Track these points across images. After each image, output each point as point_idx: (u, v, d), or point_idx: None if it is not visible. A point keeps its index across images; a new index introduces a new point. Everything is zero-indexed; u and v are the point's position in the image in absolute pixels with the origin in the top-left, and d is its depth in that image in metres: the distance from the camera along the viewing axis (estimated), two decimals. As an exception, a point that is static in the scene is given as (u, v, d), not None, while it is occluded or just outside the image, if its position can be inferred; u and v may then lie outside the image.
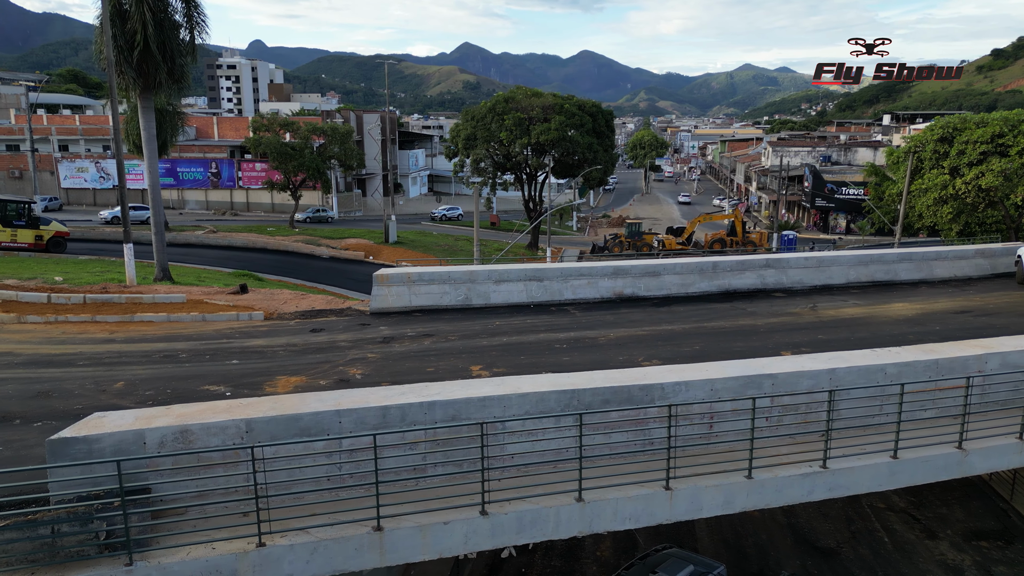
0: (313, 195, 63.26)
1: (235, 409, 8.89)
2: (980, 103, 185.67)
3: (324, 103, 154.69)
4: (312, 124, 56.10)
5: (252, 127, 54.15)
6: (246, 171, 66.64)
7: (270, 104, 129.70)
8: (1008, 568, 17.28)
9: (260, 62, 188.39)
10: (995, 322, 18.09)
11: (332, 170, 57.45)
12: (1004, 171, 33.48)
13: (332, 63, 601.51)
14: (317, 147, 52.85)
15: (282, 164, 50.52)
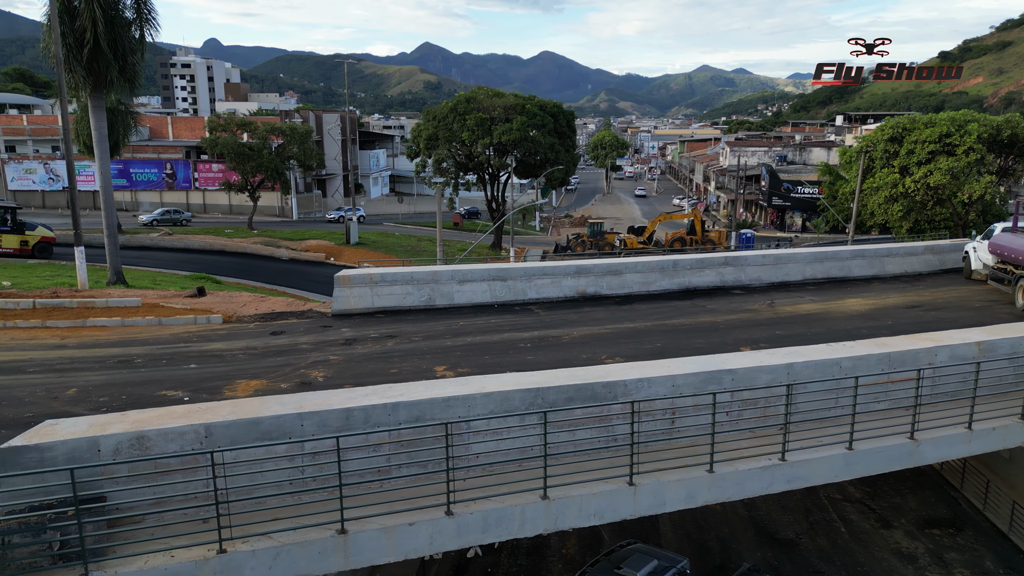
0: (272, 196, 62.31)
1: (193, 414, 8.72)
2: (928, 104, 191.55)
3: (282, 103, 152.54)
4: (270, 124, 55.25)
5: (208, 127, 53.09)
6: (202, 172, 65.31)
7: (226, 104, 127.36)
8: (959, 554, 17.86)
9: (216, 61, 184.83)
10: (944, 316, 18.68)
11: (291, 171, 56.64)
12: (951, 170, 34.57)
13: (290, 62, 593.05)
14: (275, 147, 52.07)
15: (240, 165, 49.63)
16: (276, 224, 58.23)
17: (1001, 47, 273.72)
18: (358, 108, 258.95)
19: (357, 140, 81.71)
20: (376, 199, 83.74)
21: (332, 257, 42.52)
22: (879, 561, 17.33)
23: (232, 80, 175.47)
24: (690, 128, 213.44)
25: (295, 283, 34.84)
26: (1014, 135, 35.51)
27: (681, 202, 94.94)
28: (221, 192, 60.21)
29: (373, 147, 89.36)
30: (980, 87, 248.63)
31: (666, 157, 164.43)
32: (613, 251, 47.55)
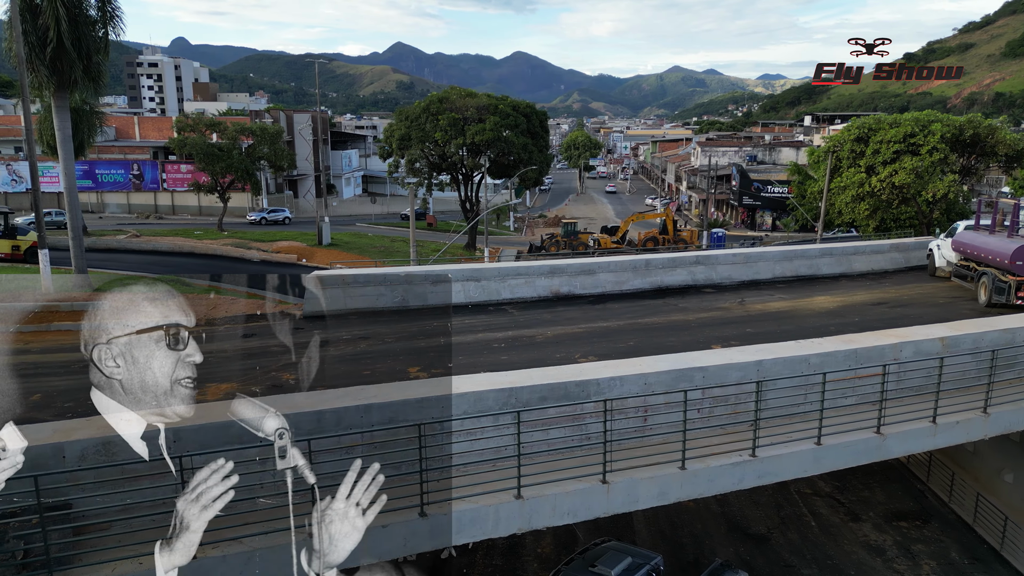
0: (242, 197, 61.57)
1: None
2: (894, 104, 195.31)
3: (252, 103, 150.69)
4: (240, 124, 54.59)
5: (176, 127, 52.33)
6: (171, 173, 64.31)
7: (195, 104, 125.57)
8: (926, 546, 18.28)
9: (184, 60, 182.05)
10: (909, 312, 19.07)
11: (262, 171, 56.03)
12: (916, 169, 35.33)
13: (260, 62, 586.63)
14: (245, 148, 51.46)
15: (209, 165, 48.97)
16: (247, 225, 57.57)
17: (963, 49, 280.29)
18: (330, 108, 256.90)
19: (329, 140, 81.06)
20: (349, 200, 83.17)
21: (304, 258, 42.13)
22: (848, 554, 17.66)
23: (201, 80, 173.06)
24: (662, 128, 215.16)
25: (266, 285, 34.39)
26: (976, 135, 36.39)
27: (654, 202, 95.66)
28: (190, 193, 59.38)
29: (345, 147, 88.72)
30: (944, 88, 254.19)
31: (638, 157, 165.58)
32: (587, 251, 47.80)
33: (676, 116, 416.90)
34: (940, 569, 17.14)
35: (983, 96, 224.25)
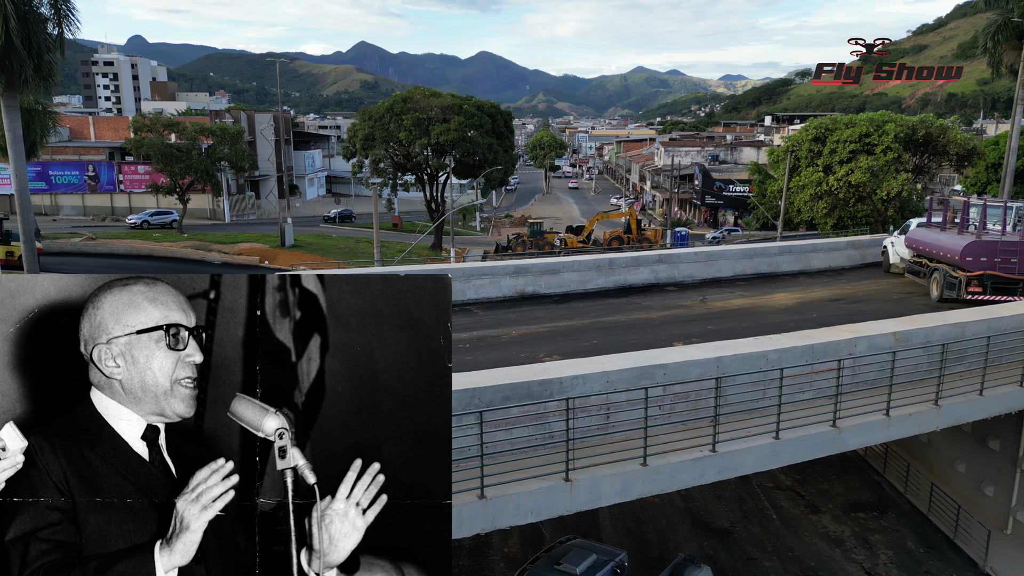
0: (203, 198, 60.53)
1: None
2: (851, 105, 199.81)
3: (213, 102, 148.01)
4: (199, 124, 53.63)
5: (133, 127, 51.20)
6: (127, 174, 62.89)
7: (153, 103, 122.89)
8: (882, 536, 18.73)
9: (141, 59, 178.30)
10: (865, 308, 19.54)
11: (222, 172, 55.12)
12: (871, 168, 36.20)
13: (221, 61, 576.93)
14: (205, 148, 50.58)
15: (167, 166, 48.04)
16: (208, 227, 56.60)
17: (917, 50, 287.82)
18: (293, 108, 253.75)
19: (291, 140, 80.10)
20: (312, 200, 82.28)
21: (267, 260, 41.61)
22: (808, 546, 18.02)
23: (159, 79, 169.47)
24: (626, 128, 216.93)
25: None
26: (928, 134, 37.41)
27: (618, 201, 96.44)
28: (148, 195, 58.17)
29: (308, 147, 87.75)
30: (899, 89, 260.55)
31: (603, 157, 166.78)
32: (553, 250, 47.99)
33: (640, 116, 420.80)
34: (896, 558, 17.58)
35: (936, 97, 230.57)
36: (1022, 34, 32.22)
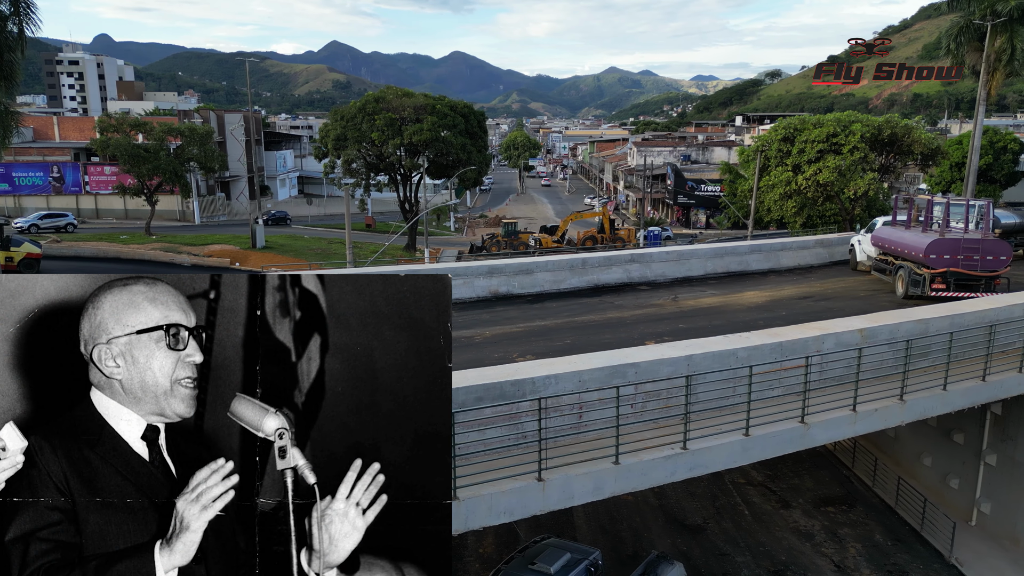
0: (172, 200, 59.60)
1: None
2: (819, 105, 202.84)
3: (182, 102, 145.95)
4: (167, 124, 52.77)
5: (98, 128, 50.18)
6: (94, 175, 61.71)
7: (120, 103, 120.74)
8: (851, 529, 19.06)
9: (107, 58, 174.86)
10: (833, 305, 19.86)
11: (192, 173, 54.32)
12: (838, 167, 36.77)
13: (190, 60, 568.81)
14: (174, 149, 49.80)
15: (134, 167, 47.18)
16: (177, 229, 55.77)
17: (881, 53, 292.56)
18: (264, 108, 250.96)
19: (262, 141, 79.19)
20: (284, 201, 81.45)
21: (237, 262, 41.10)
22: (779, 540, 18.27)
23: (125, 78, 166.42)
24: (600, 129, 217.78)
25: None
26: (893, 134, 38.10)
27: (592, 201, 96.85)
28: (115, 196, 57.09)
29: (280, 148, 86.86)
30: (866, 89, 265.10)
31: (577, 157, 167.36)
32: (528, 250, 48.05)
33: (613, 116, 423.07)
34: (865, 551, 17.90)
35: (902, 97, 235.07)
36: (983, 36, 33.00)
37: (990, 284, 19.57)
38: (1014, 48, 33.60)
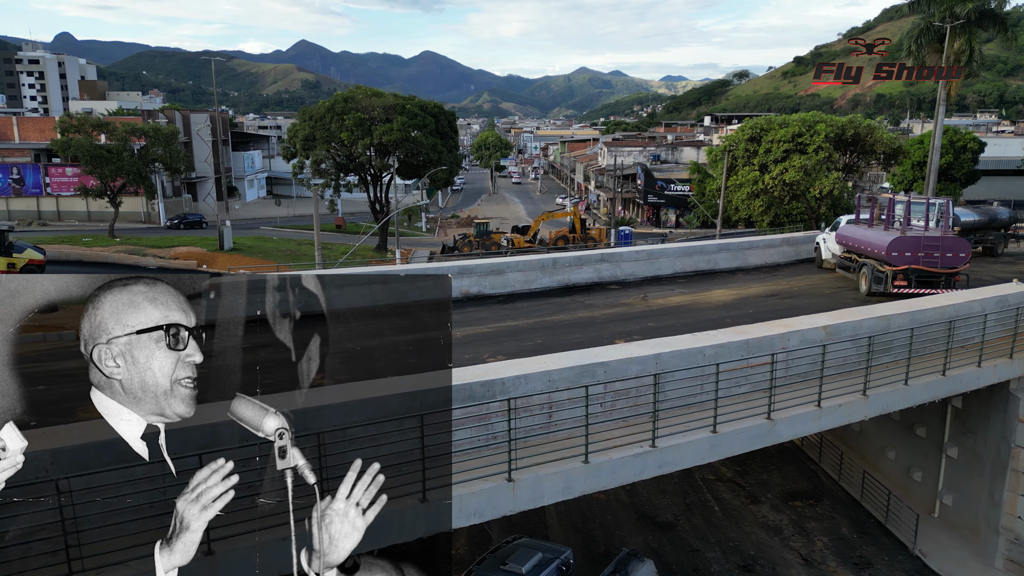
0: (136, 201, 58.47)
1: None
2: (786, 105, 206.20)
3: (146, 102, 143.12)
4: (130, 124, 51.76)
5: (59, 128, 49.09)
6: (55, 176, 60.33)
7: (82, 103, 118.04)
8: (819, 523, 19.37)
9: (68, 57, 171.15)
10: (799, 303, 20.18)
11: (156, 174, 53.38)
12: (804, 167, 37.37)
13: (154, 59, 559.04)
14: (138, 149, 48.91)
15: (97, 168, 46.24)
16: (142, 231, 54.76)
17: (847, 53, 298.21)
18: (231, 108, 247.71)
19: (230, 141, 78.16)
20: (252, 202, 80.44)
21: (205, 265, 40.49)
22: (748, 535, 18.50)
23: (88, 77, 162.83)
24: (571, 129, 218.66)
25: (163, 293, 32.88)
26: (856, 134, 38.83)
27: (564, 201, 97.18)
28: (77, 198, 55.96)
29: (248, 148, 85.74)
30: (830, 90, 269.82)
31: (548, 157, 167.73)
32: (500, 250, 48.05)
33: (584, 116, 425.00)
34: (832, 544, 18.21)
35: (866, 97, 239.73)
36: (943, 37, 33.79)
37: (950, 281, 20.05)
38: (972, 50, 34.50)
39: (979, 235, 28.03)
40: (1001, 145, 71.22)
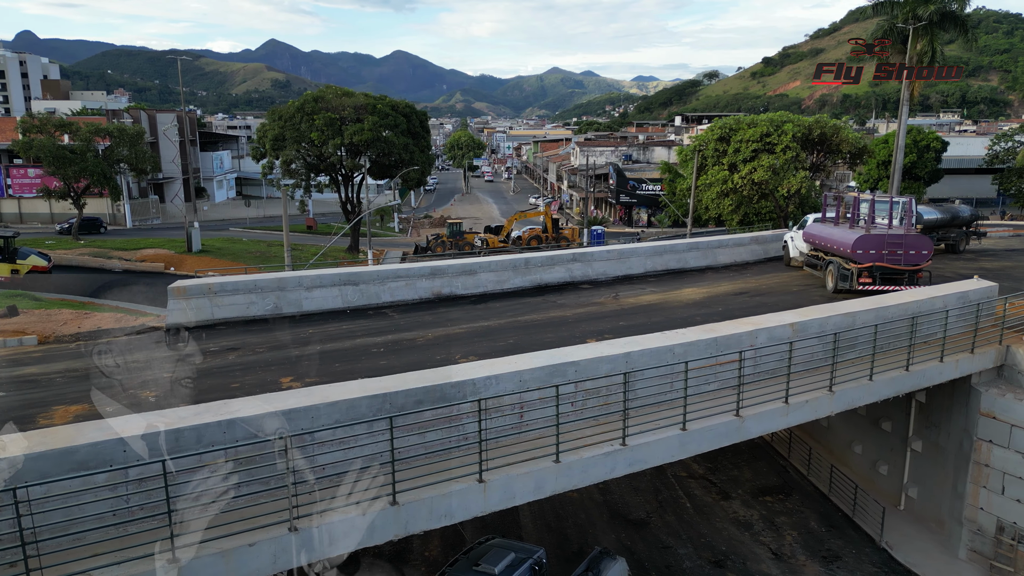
0: (101, 203, 57.30)
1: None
2: (755, 105, 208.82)
3: (111, 101, 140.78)
4: (94, 125, 50.70)
5: (20, 128, 47.91)
6: (16, 178, 58.95)
7: (45, 103, 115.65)
8: (788, 517, 19.62)
9: (30, 56, 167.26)
10: (767, 301, 20.41)
11: (122, 175, 52.37)
12: (772, 166, 37.83)
13: (119, 58, 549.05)
14: (102, 150, 47.94)
15: (60, 169, 45.22)
16: (108, 233, 53.66)
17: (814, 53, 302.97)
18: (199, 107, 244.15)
19: (198, 141, 76.94)
20: (222, 203, 79.28)
21: (172, 267, 39.81)
22: (720, 531, 18.68)
23: (51, 76, 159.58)
24: (543, 129, 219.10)
25: (128, 296, 32.31)
26: (823, 134, 39.40)
27: (537, 201, 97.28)
28: (40, 200, 54.68)
29: (217, 148, 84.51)
30: (798, 90, 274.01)
31: (521, 157, 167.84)
32: (474, 251, 47.94)
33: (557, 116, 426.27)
34: (800, 538, 18.46)
35: (832, 97, 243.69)
36: (907, 39, 34.43)
37: (913, 278, 20.43)
38: (934, 51, 35.21)
39: (942, 233, 28.60)
40: (963, 144, 72.84)
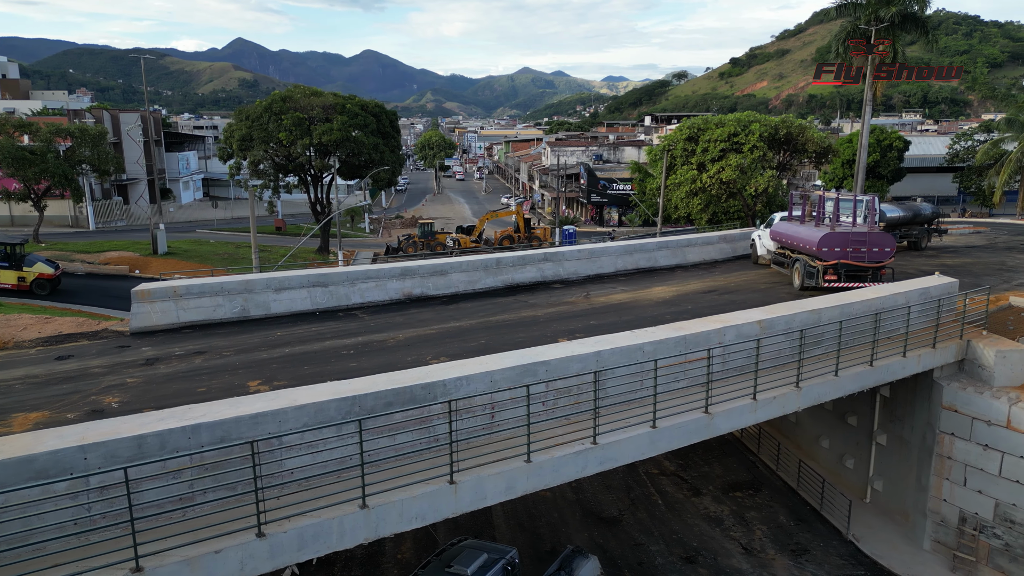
0: (62, 205, 55.98)
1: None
2: (724, 105, 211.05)
3: (73, 101, 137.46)
4: (55, 125, 49.56)
5: (-23, 129, 46.60)
6: (-26, 179, 57.24)
7: (3, 102, 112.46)
8: (758, 512, 19.87)
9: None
10: (736, 298, 20.65)
11: (84, 176, 51.25)
12: (740, 165, 38.30)
13: (81, 57, 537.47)
14: (64, 151, 46.87)
15: (19, 171, 44.11)
16: (70, 235, 52.46)
17: (781, 54, 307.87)
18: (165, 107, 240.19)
19: (163, 142, 75.64)
20: (188, 204, 78.03)
21: (137, 270, 39.05)
22: (691, 527, 18.86)
23: (10, 76, 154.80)
24: (515, 129, 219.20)
25: (91, 300, 31.63)
26: (789, 134, 40.00)
27: (509, 200, 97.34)
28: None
29: (183, 149, 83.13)
30: (765, 90, 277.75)
31: (493, 157, 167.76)
32: (446, 251, 47.79)
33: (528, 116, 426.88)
34: (770, 533, 18.71)
35: (799, 98, 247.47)
36: (869, 39, 35.03)
37: (877, 274, 20.81)
38: (896, 52, 35.88)
39: (904, 230, 29.18)
40: (925, 143, 74.46)
